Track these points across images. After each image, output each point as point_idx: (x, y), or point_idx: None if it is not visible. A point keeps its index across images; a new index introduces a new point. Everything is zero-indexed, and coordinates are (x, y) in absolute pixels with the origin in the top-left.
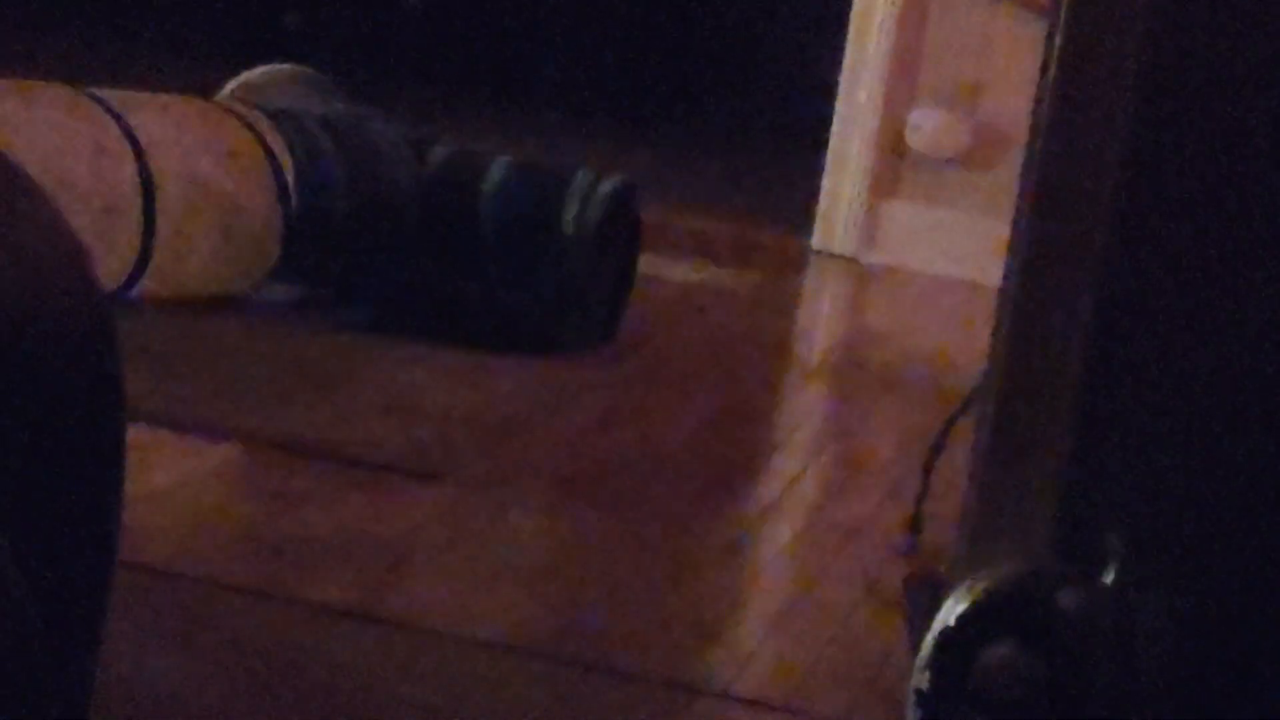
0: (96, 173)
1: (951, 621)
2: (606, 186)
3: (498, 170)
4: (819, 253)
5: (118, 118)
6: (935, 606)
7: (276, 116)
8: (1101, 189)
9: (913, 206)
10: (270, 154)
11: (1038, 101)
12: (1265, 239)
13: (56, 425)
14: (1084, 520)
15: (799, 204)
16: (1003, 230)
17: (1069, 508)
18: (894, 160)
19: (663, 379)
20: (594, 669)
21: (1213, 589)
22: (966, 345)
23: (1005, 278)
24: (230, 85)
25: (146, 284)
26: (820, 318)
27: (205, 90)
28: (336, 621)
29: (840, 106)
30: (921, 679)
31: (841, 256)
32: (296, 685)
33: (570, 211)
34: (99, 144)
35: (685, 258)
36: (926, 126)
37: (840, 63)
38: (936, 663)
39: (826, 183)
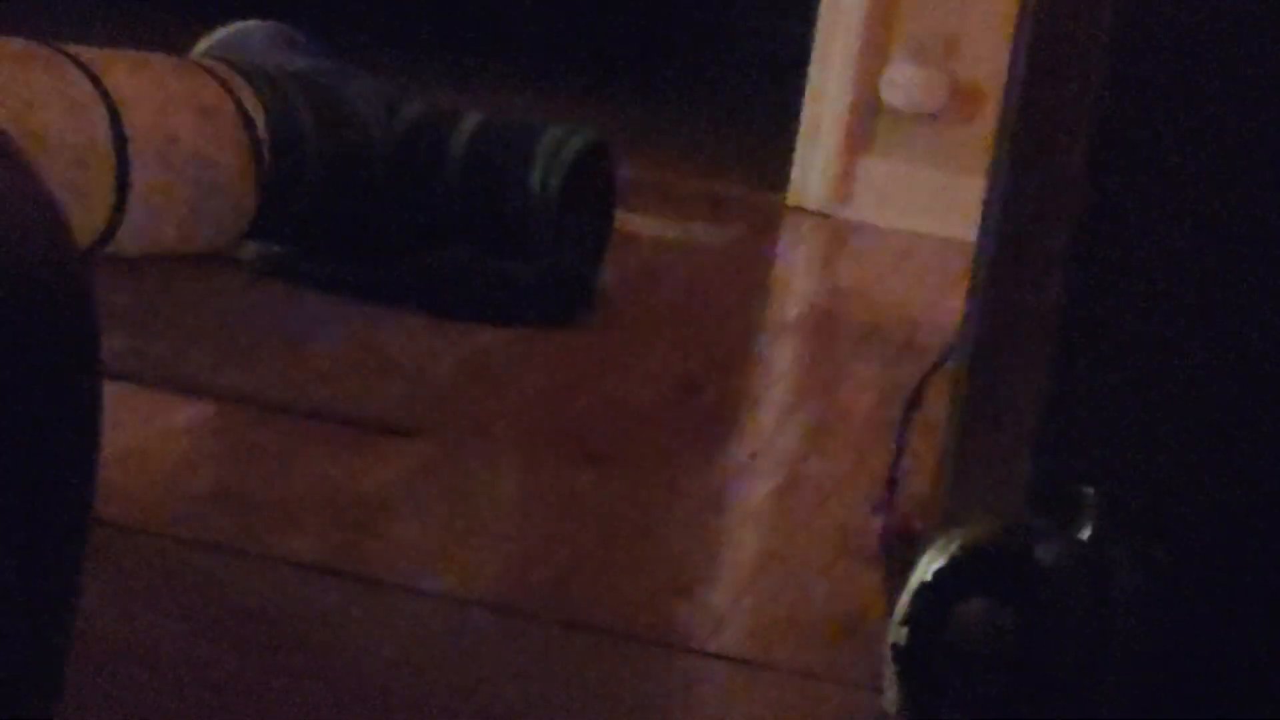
0: (70, 129)
1: (928, 577)
2: (575, 143)
3: (468, 128)
4: (794, 208)
5: (91, 74)
6: (912, 562)
7: (250, 73)
8: (1077, 145)
9: (888, 162)
10: (244, 111)
11: (1014, 56)
12: (1243, 195)
13: (31, 383)
14: (1060, 474)
15: (774, 159)
16: (978, 186)
17: (1045, 462)
18: (869, 116)
19: (638, 335)
20: (568, 625)
21: (1190, 544)
22: (942, 301)
23: (981, 233)
24: (204, 42)
25: (120, 241)
26: (795, 274)
27: (179, 47)
28: (310, 577)
29: (815, 61)
30: (899, 634)
31: (816, 212)
32: (270, 640)
33: (538, 169)
34: (72, 100)
35: (659, 214)
36: (902, 82)
37: (815, 17)
38: (913, 618)
39: (801, 138)
